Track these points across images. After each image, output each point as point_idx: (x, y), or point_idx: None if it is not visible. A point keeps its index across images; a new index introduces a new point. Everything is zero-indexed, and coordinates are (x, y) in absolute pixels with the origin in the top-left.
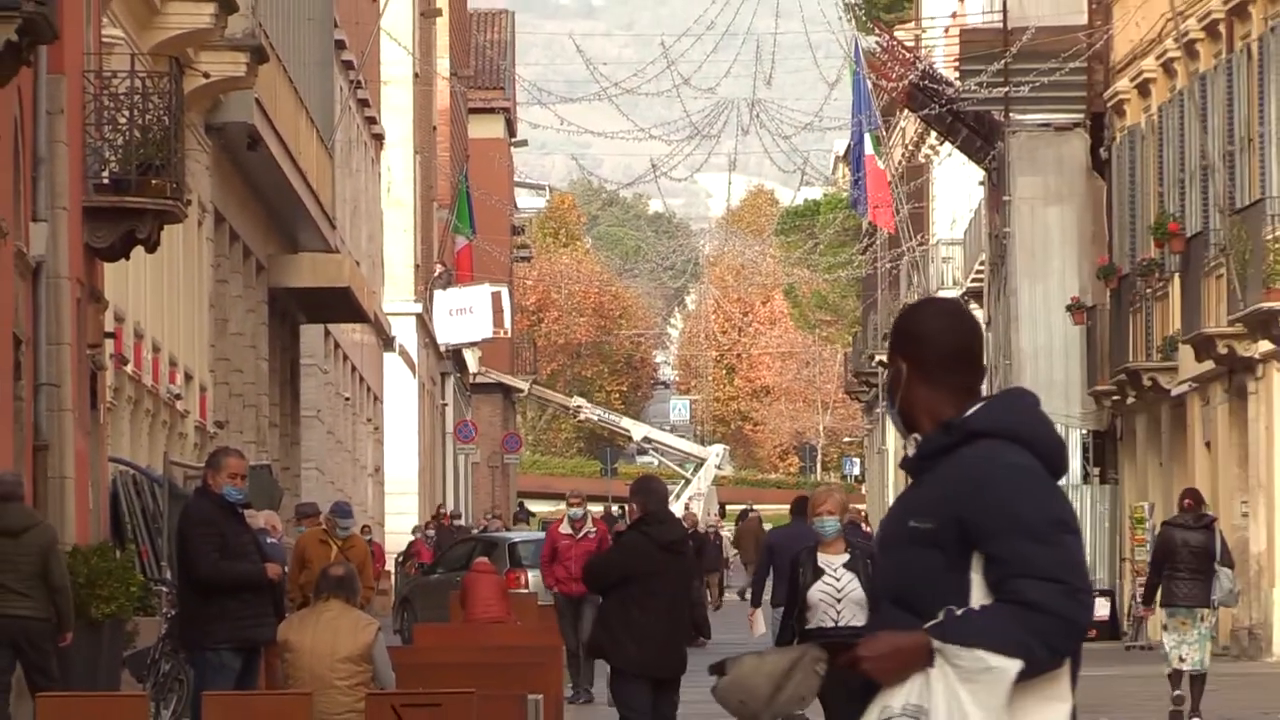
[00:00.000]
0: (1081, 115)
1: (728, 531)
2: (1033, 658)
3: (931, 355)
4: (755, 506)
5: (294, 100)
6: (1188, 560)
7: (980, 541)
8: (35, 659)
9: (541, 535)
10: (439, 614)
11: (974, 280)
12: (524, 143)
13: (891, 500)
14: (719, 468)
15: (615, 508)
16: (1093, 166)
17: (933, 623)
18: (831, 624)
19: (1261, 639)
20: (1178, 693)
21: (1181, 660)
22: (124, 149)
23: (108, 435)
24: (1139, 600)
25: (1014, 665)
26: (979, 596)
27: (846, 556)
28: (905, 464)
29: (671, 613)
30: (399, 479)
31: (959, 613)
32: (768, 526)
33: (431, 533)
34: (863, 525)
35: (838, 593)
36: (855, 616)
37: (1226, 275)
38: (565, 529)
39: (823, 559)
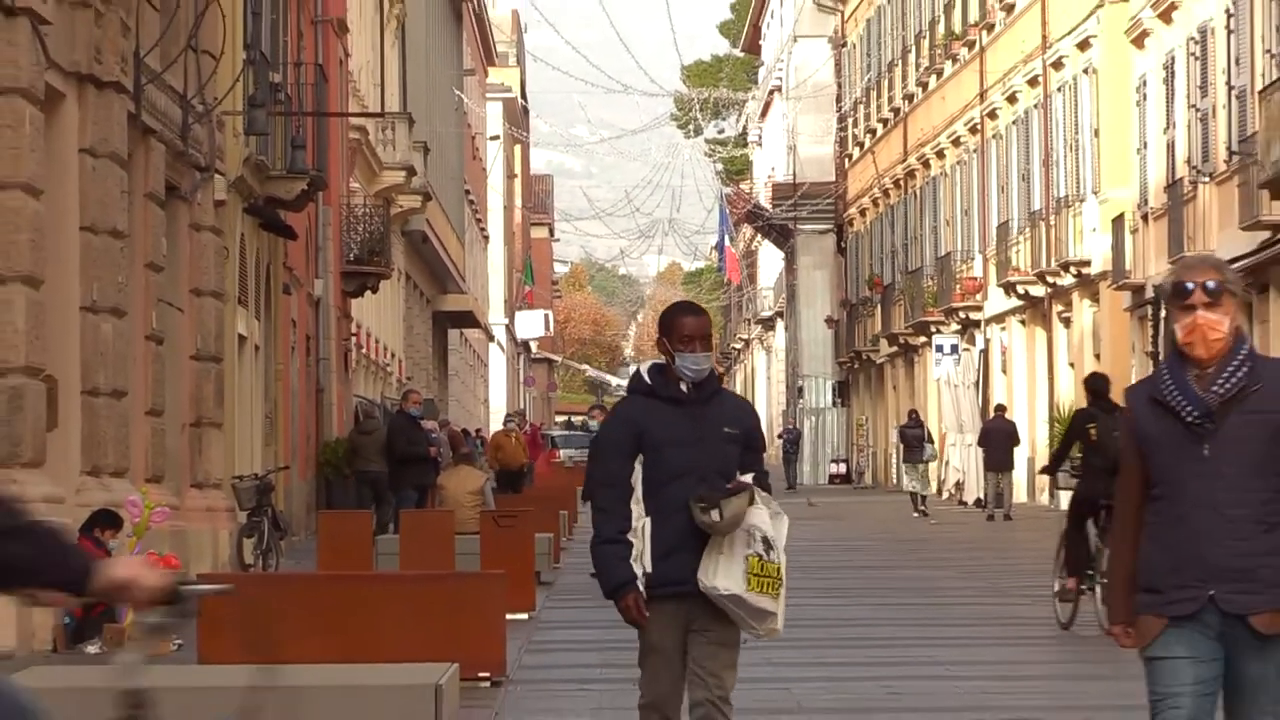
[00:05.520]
0: (832, 225)
1: None
2: None
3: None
4: None
5: (444, 219)
6: (911, 441)
7: (752, 440)
8: (379, 495)
9: (567, 433)
10: None
11: (779, 308)
12: (558, 240)
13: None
14: None
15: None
16: (838, 251)
17: (750, 479)
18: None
19: None
20: (917, 514)
21: (913, 486)
22: (360, 243)
23: (353, 384)
24: (886, 461)
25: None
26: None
27: None
28: (692, 397)
29: None
30: (497, 406)
31: (754, 477)
32: None
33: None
34: None
35: None
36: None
37: (904, 304)
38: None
39: None
